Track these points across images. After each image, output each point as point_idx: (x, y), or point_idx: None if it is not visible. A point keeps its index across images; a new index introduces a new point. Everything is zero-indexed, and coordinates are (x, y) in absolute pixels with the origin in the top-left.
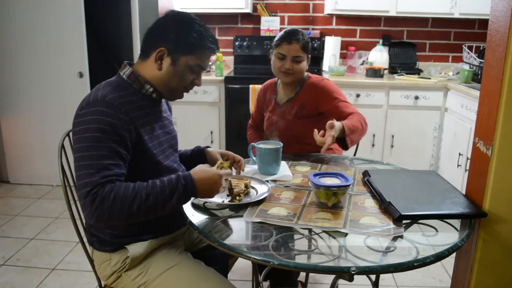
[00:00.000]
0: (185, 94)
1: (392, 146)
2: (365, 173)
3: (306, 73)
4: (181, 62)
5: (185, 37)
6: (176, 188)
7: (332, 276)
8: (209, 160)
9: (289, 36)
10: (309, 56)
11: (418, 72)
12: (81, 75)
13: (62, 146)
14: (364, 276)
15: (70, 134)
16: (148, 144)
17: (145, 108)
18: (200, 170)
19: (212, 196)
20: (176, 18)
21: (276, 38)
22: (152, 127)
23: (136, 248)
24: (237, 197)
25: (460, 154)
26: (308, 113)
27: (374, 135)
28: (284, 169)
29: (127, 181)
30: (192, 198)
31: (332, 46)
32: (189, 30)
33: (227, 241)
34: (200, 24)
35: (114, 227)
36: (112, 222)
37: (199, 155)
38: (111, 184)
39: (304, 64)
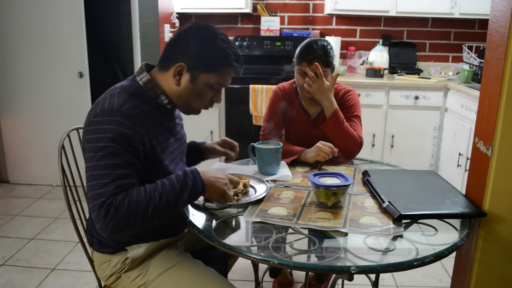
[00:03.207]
0: None
1: (392, 146)
2: (365, 173)
3: None
4: (200, 80)
5: (207, 54)
6: (186, 183)
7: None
8: (209, 155)
9: (309, 56)
10: (334, 64)
11: (418, 72)
12: (81, 75)
13: (62, 146)
14: (364, 276)
15: (70, 134)
16: (160, 155)
17: (158, 118)
18: (205, 169)
19: (221, 192)
20: (199, 32)
21: (296, 54)
22: (165, 137)
23: (136, 250)
24: (235, 197)
25: (460, 154)
26: None
27: (374, 135)
28: (283, 169)
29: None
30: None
31: (332, 46)
32: (212, 46)
33: (227, 241)
34: (224, 39)
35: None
36: (127, 230)
37: (195, 151)
38: (123, 193)
39: (329, 79)
